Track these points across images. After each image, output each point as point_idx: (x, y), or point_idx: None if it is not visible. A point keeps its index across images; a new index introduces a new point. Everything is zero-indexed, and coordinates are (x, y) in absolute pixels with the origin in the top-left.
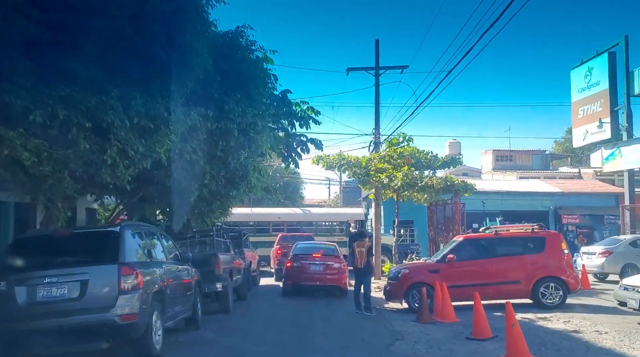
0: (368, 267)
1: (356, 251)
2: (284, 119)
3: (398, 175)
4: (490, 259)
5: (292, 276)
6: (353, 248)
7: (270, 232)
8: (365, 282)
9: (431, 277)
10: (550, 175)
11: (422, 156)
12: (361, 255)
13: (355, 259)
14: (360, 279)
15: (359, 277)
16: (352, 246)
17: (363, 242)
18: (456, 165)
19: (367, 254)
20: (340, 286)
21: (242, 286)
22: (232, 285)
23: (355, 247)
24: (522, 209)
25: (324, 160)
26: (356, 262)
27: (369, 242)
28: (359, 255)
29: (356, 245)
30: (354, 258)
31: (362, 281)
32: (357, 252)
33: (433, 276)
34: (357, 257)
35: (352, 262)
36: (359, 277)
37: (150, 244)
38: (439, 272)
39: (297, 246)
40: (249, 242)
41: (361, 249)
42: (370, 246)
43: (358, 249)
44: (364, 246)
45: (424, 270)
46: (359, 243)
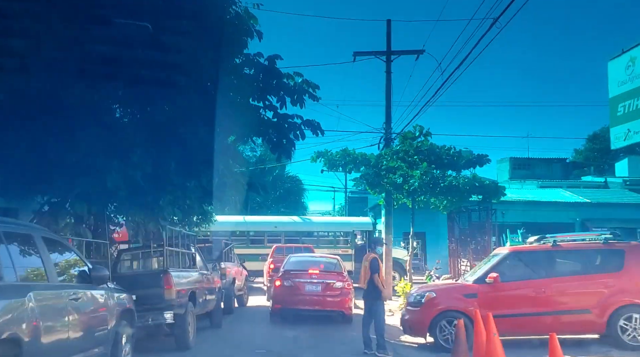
0: (373, 289)
1: (362, 265)
2: (273, 96)
3: (415, 174)
4: (548, 279)
5: (281, 298)
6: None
7: (265, 244)
8: (374, 310)
9: (467, 304)
10: (573, 185)
11: (443, 153)
12: (365, 271)
13: (359, 277)
14: (368, 306)
15: (366, 303)
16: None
17: (368, 254)
18: (483, 165)
19: (370, 271)
20: (343, 311)
21: (216, 311)
22: (195, 312)
23: (363, 262)
24: (545, 221)
25: (325, 157)
26: (360, 281)
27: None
28: (363, 271)
29: (364, 258)
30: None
31: (370, 308)
32: (362, 268)
33: (469, 301)
34: (361, 274)
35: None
36: (366, 303)
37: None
38: (477, 297)
39: (290, 259)
40: (233, 255)
41: (365, 264)
42: (374, 259)
43: (364, 263)
44: (367, 258)
45: (457, 293)
46: (365, 256)
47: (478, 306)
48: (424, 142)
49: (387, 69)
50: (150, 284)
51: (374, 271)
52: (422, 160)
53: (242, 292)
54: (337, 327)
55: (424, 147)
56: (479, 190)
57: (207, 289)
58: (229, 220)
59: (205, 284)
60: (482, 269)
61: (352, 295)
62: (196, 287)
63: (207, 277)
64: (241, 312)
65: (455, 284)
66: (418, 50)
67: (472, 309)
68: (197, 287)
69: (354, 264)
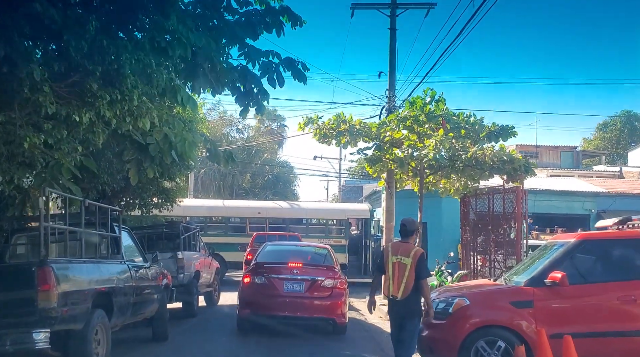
0: (415, 301)
1: (390, 262)
2: (239, 28)
3: (429, 143)
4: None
5: (251, 300)
6: (384, 256)
7: (247, 232)
8: (409, 330)
9: (517, 316)
10: (585, 174)
11: (461, 121)
12: (400, 272)
13: (386, 281)
14: (398, 326)
15: (394, 321)
16: (383, 252)
17: (406, 244)
18: (507, 139)
19: (416, 272)
20: (334, 319)
21: (159, 318)
22: (115, 324)
23: (389, 252)
24: (557, 212)
25: (315, 124)
26: (388, 288)
27: (417, 245)
28: (396, 271)
29: (391, 247)
30: (381, 278)
31: (404, 326)
32: (391, 266)
33: (521, 313)
34: (388, 275)
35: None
36: (394, 321)
37: None
38: (532, 306)
39: (266, 248)
40: (198, 243)
41: (402, 260)
42: (423, 255)
43: (394, 258)
44: (408, 253)
45: (501, 300)
46: (396, 246)
47: (535, 319)
48: (437, 108)
49: (391, 24)
50: (16, 283)
51: (424, 275)
52: (435, 129)
53: (212, 289)
54: (326, 341)
55: (438, 113)
56: (508, 166)
57: (138, 289)
58: (205, 204)
59: (136, 281)
60: (535, 265)
61: (347, 297)
62: (114, 286)
63: (142, 272)
64: (208, 315)
65: (495, 287)
66: (429, 3)
67: (525, 324)
68: (117, 286)
69: (347, 257)
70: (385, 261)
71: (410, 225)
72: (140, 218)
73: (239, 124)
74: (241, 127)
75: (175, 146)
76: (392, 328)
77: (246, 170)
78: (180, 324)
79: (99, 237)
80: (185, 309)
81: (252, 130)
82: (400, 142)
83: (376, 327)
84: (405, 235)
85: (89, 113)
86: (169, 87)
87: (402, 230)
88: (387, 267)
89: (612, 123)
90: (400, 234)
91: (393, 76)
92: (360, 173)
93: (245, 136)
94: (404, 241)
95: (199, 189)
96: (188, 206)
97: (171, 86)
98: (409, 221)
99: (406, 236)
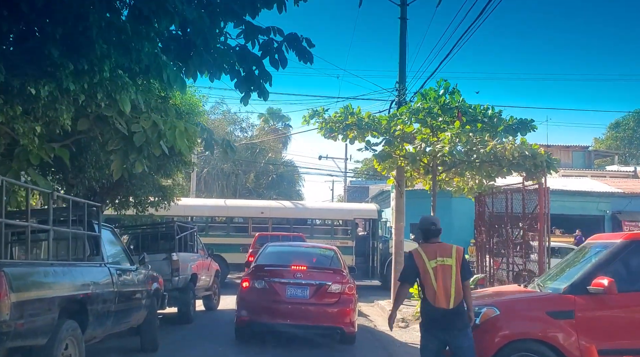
0: (463, 309)
1: (428, 267)
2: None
3: (444, 136)
4: None
5: (250, 307)
6: (415, 263)
7: (250, 232)
8: (466, 353)
9: (555, 328)
10: (599, 174)
11: (478, 113)
12: (446, 276)
13: (427, 288)
14: (442, 343)
15: (437, 338)
16: (411, 254)
17: (440, 244)
18: (526, 133)
19: (461, 275)
20: (342, 328)
21: (147, 327)
22: (93, 335)
23: (422, 257)
24: (571, 213)
25: (321, 117)
26: (433, 296)
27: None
28: (439, 277)
29: (422, 251)
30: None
31: (453, 344)
32: (432, 272)
33: (559, 324)
34: (430, 284)
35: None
36: (437, 338)
37: None
38: (573, 317)
39: (267, 249)
40: (195, 243)
41: (444, 261)
42: (463, 252)
43: (432, 262)
44: (449, 252)
45: (536, 310)
46: (431, 249)
47: (576, 331)
48: (452, 100)
49: (401, 14)
50: None
51: (469, 274)
52: (450, 122)
53: (211, 293)
54: (332, 352)
55: (454, 104)
56: (529, 162)
57: (122, 295)
58: (207, 204)
59: (119, 286)
60: (573, 270)
61: (356, 304)
62: (90, 293)
63: (127, 276)
64: (205, 321)
65: (528, 294)
66: None
67: (565, 337)
68: (94, 292)
69: (354, 259)
70: (419, 269)
71: (439, 223)
72: (135, 218)
73: (243, 123)
74: (245, 126)
75: (164, 135)
76: (429, 346)
77: (250, 169)
78: (175, 332)
79: (73, 236)
80: (181, 315)
81: (257, 130)
82: (412, 137)
83: (387, 335)
84: (435, 235)
85: (48, 85)
86: (153, 63)
87: (432, 230)
88: (425, 276)
89: (624, 122)
90: (427, 234)
91: (403, 68)
92: (366, 173)
93: (249, 135)
94: (434, 242)
95: (202, 189)
96: (188, 206)
97: (156, 63)
98: (436, 219)
99: (436, 235)
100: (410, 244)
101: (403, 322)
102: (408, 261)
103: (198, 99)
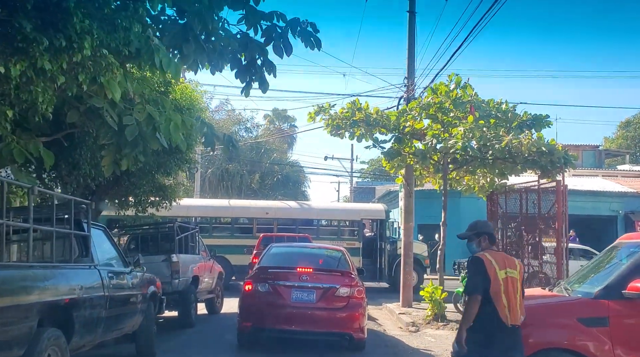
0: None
1: (499, 278)
2: None
3: (456, 132)
4: None
5: (253, 312)
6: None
7: (254, 234)
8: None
9: (587, 336)
10: (610, 174)
11: (492, 108)
12: (514, 290)
13: (497, 302)
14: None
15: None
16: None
17: (502, 254)
18: (541, 129)
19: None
20: (351, 334)
21: (142, 333)
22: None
23: (494, 265)
24: (582, 213)
25: (327, 114)
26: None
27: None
28: (510, 290)
29: (493, 260)
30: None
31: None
32: (502, 283)
33: (591, 332)
34: (499, 297)
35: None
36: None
37: None
38: (607, 324)
39: (271, 250)
40: (197, 244)
41: (513, 274)
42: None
43: (502, 273)
44: (513, 263)
45: (565, 317)
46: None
47: (611, 340)
48: (464, 94)
49: (410, 7)
50: None
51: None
52: (461, 117)
53: (213, 296)
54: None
55: (466, 98)
56: (545, 158)
57: (114, 300)
58: (210, 204)
59: (111, 290)
60: (603, 272)
61: (365, 308)
62: (76, 298)
63: (120, 279)
64: (207, 325)
65: (554, 298)
66: None
67: (598, 347)
68: (81, 297)
69: (361, 261)
70: (490, 278)
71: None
72: (135, 219)
73: (248, 122)
74: (250, 126)
75: (159, 128)
76: None
77: (255, 170)
78: (175, 337)
79: (60, 235)
80: (182, 319)
81: (262, 130)
82: (421, 134)
83: (397, 340)
84: (495, 241)
85: (20, 64)
86: (144, 46)
87: (494, 235)
88: (496, 287)
89: (635, 121)
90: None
91: (412, 63)
92: (373, 174)
93: (254, 135)
94: (494, 250)
95: (206, 190)
96: (192, 206)
97: (147, 45)
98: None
99: (495, 242)
100: (418, 245)
101: (414, 326)
102: (477, 267)
103: (199, 94)
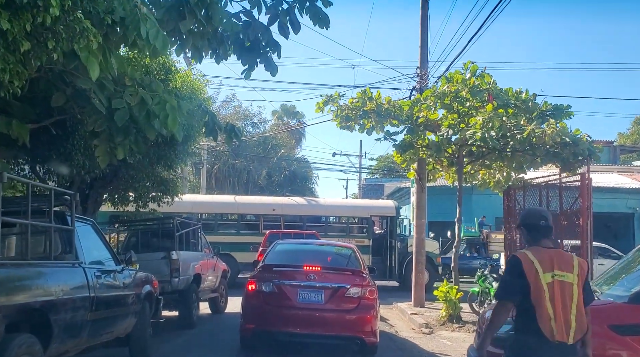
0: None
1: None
2: None
3: (475, 122)
4: None
5: (257, 313)
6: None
7: (261, 230)
8: None
9: (620, 346)
10: (626, 170)
11: (511, 96)
12: (566, 298)
13: (539, 312)
14: None
15: None
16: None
17: (557, 251)
18: (562, 120)
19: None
20: (362, 338)
21: (136, 336)
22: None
23: (535, 267)
24: (599, 210)
25: (336, 104)
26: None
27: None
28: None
29: (535, 260)
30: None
31: None
32: (547, 289)
33: (625, 342)
34: (544, 305)
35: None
36: None
37: None
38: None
39: (276, 247)
40: (199, 241)
41: (564, 277)
42: (588, 274)
43: (548, 276)
44: (569, 264)
45: (594, 323)
46: (547, 256)
47: None
48: (482, 82)
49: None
50: None
51: (591, 298)
52: (478, 107)
53: (217, 295)
54: None
55: (484, 87)
56: (567, 151)
57: (102, 301)
58: (216, 200)
59: (98, 290)
60: (635, 273)
61: (378, 310)
62: (54, 299)
63: (109, 278)
64: (210, 326)
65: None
66: None
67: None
68: (60, 298)
69: (371, 259)
70: (530, 283)
71: (550, 218)
72: (135, 214)
73: (255, 118)
74: (257, 121)
75: (153, 113)
76: None
77: (262, 166)
78: (174, 338)
79: (36, 230)
80: (182, 319)
81: (270, 126)
82: (435, 126)
83: (410, 342)
84: (547, 234)
85: None
86: (129, 14)
87: (543, 226)
88: (538, 294)
89: None
90: (536, 233)
91: (425, 51)
92: (382, 171)
93: (261, 131)
94: (547, 246)
95: (212, 186)
96: (197, 202)
97: (134, 14)
98: (547, 212)
99: (547, 235)
100: (430, 243)
101: (427, 327)
102: (514, 268)
103: (202, 84)
